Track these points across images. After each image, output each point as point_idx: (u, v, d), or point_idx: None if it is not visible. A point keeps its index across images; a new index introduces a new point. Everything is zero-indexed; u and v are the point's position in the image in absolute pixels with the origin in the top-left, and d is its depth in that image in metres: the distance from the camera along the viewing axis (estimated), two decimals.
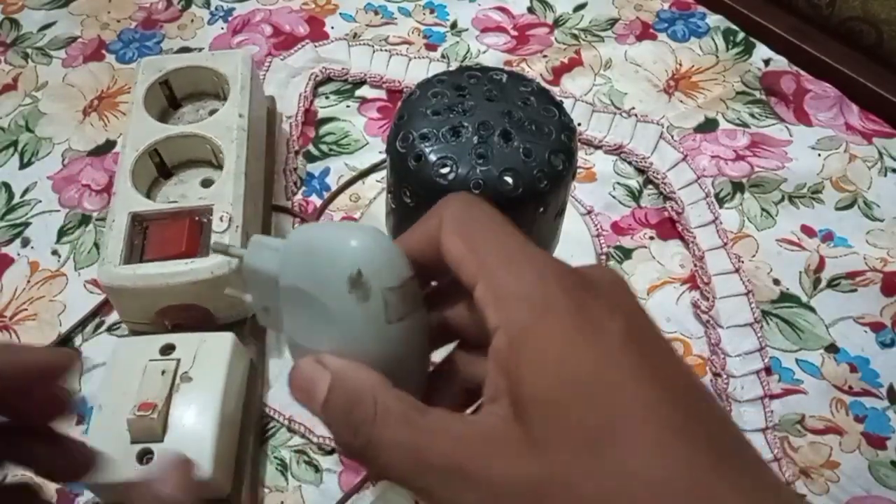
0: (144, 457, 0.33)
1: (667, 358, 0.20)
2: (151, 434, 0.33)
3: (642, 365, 0.19)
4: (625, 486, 0.17)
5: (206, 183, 0.43)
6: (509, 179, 0.32)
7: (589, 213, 0.47)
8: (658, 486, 0.17)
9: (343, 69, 0.54)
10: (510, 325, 0.20)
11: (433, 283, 0.24)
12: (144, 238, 0.39)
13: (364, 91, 0.54)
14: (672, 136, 0.50)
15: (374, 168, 0.49)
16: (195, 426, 0.34)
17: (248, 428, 0.37)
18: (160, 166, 0.43)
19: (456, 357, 0.24)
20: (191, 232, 0.38)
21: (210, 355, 0.36)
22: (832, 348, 0.42)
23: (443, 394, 0.24)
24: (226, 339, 0.37)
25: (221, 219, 0.38)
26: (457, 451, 0.19)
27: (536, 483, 0.18)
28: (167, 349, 0.36)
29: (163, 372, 0.35)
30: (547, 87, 0.36)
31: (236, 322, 0.40)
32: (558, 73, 0.54)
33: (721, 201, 0.48)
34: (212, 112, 0.45)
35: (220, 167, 0.41)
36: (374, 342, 0.22)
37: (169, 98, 0.46)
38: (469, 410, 0.24)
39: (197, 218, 0.39)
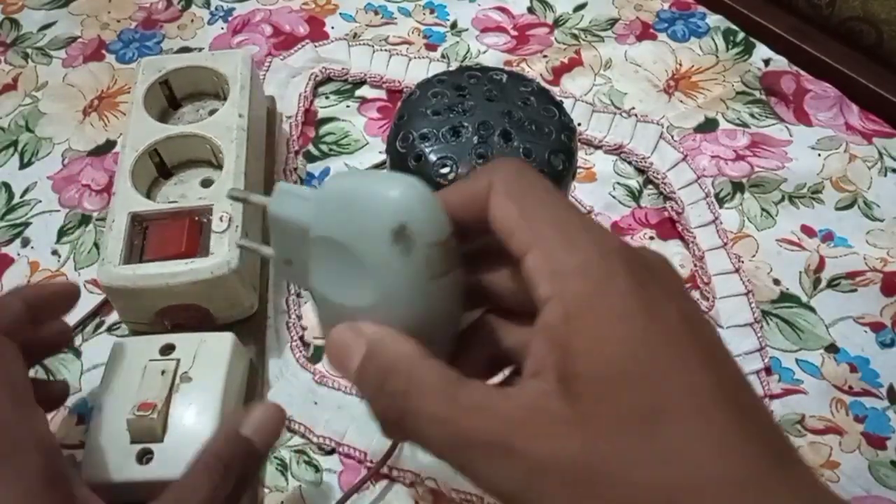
0: (144, 457, 0.33)
1: (719, 347, 0.19)
2: (151, 434, 0.33)
3: (697, 351, 0.18)
4: (678, 474, 0.17)
5: (206, 183, 0.43)
6: None
7: (589, 213, 0.47)
8: (714, 479, 0.17)
9: (343, 69, 0.54)
10: (567, 298, 0.19)
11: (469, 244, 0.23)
12: (144, 238, 0.39)
13: (364, 91, 0.54)
14: (672, 136, 0.50)
15: (375, 168, 0.49)
16: (195, 426, 0.34)
17: None
18: (160, 166, 0.43)
19: (486, 322, 0.24)
20: (190, 232, 0.38)
21: (210, 355, 0.36)
22: (832, 348, 0.42)
23: (469, 359, 0.23)
24: (226, 339, 0.37)
25: (221, 219, 0.38)
26: (499, 426, 0.19)
27: (584, 462, 0.18)
28: (167, 349, 0.36)
29: (162, 372, 0.35)
30: (547, 87, 0.36)
31: (236, 322, 0.40)
32: (558, 73, 0.54)
33: (721, 201, 0.48)
34: (212, 112, 0.45)
35: (219, 167, 0.41)
36: (413, 299, 0.21)
37: (169, 98, 0.46)
38: (495, 380, 0.23)
39: (197, 218, 0.39)
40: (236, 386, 0.37)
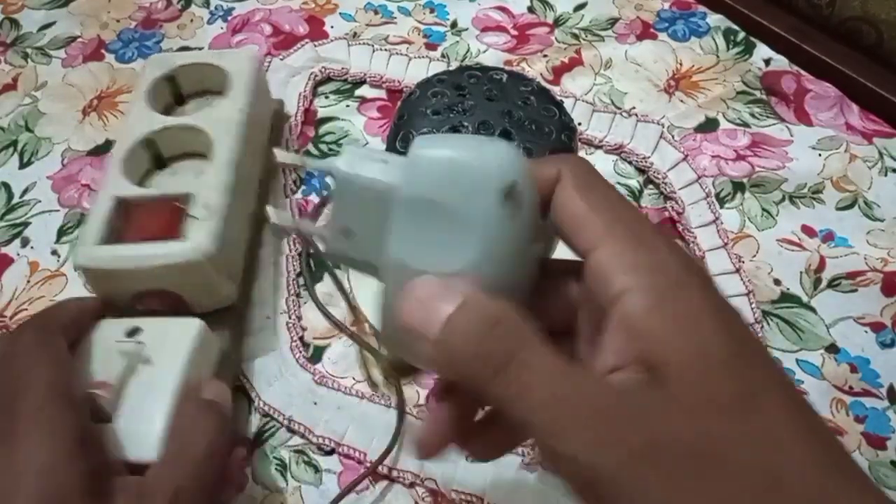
0: None
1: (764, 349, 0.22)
2: (102, 413, 0.33)
3: (763, 350, 0.20)
4: (780, 456, 0.18)
5: (200, 175, 0.43)
6: None
7: None
8: (810, 463, 0.18)
9: (343, 69, 0.54)
10: (649, 290, 0.20)
11: None
12: (126, 222, 0.38)
13: (364, 91, 0.54)
14: (672, 136, 0.50)
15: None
16: (146, 410, 0.33)
17: None
18: (156, 158, 0.43)
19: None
20: (171, 217, 0.37)
21: (174, 340, 0.35)
22: (832, 348, 0.42)
23: None
24: (192, 326, 0.36)
25: (203, 206, 0.38)
26: (601, 409, 0.19)
27: (689, 443, 0.18)
28: (133, 332, 0.36)
29: (124, 353, 0.34)
30: (547, 86, 0.36)
31: (213, 312, 0.39)
32: (558, 72, 0.54)
33: (721, 201, 0.47)
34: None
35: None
36: (513, 261, 0.21)
37: (175, 95, 0.47)
38: None
39: (179, 204, 0.38)
40: (201, 374, 0.36)
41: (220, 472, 0.34)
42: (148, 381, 0.34)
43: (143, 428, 0.32)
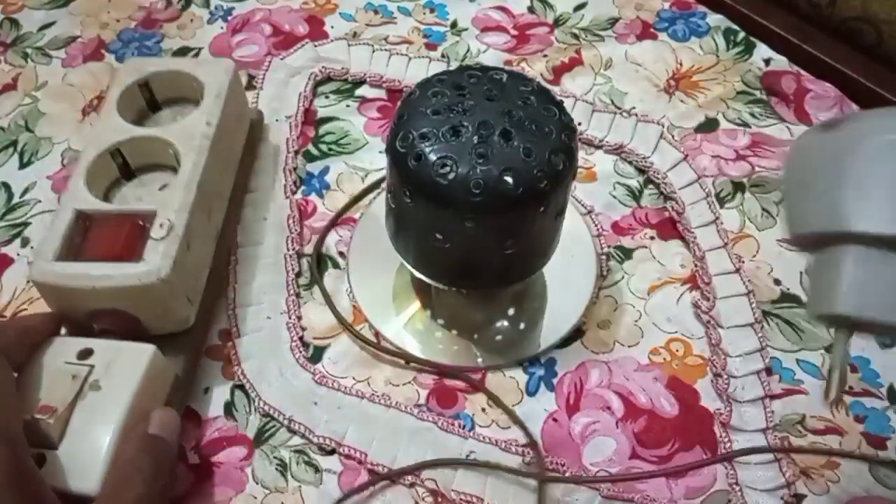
0: (37, 462, 0.31)
1: None
2: (46, 439, 0.32)
3: None
4: None
5: (165, 188, 0.42)
6: (509, 179, 0.32)
7: (589, 212, 0.47)
8: None
9: (343, 69, 0.54)
10: None
11: None
12: (84, 238, 0.38)
13: (364, 90, 0.54)
14: (672, 136, 0.50)
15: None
16: (93, 437, 0.32)
17: None
18: (124, 167, 0.43)
19: None
20: (130, 236, 0.37)
21: (125, 365, 0.35)
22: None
23: None
24: (144, 351, 0.35)
25: (162, 225, 0.37)
26: None
27: None
28: (84, 354, 0.35)
29: (73, 377, 0.34)
30: (547, 86, 0.36)
31: (169, 335, 0.39)
32: (558, 72, 0.54)
33: (722, 201, 0.47)
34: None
35: None
36: None
37: (149, 101, 0.46)
38: None
39: (141, 222, 0.38)
40: (151, 400, 0.35)
41: None
42: (95, 408, 0.33)
43: (87, 458, 0.32)
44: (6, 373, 0.32)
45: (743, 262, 0.44)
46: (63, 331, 0.38)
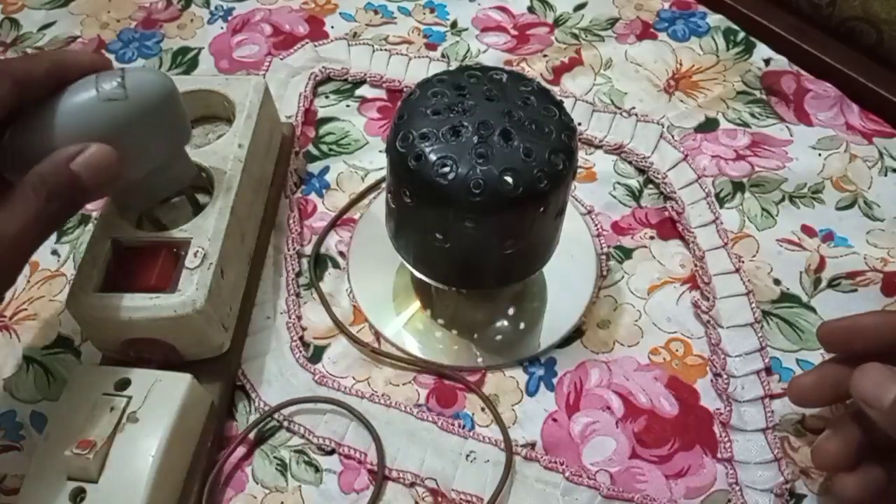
0: (78, 496, 0.32)
1: None
2: (86, 474, 0.32)
3: None
4: None
5: (198, 210, 0.41)
6: (509, 179, 0.32)
7: (589, 212, 0.47)
8: None
9: (343, 69, 0.54)
10: None
11: None
12: (119, 267, 0.38)
13: (364, 91, 0.54)
14: (672, 136, 0.50)
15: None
16: (131, 472, 0.33)
17: (194, 476, 0.36)
18: None
19: None
20: (164, 266, 0.37)
21: (162, 397, 0.35)
22: None
23: None
24: (182, 381, 0.35)
25: (196, 254, 0.37)
26: None
27: None
28: (122, 384, 0.35)
29: (111, 408, 0.34)
30: (547, 86, 0.36)
31: (204, 361, 0.39)
32: (558, 72, 0.54)
33: (721, 201, 0.47)
34: (220, 137, 0.43)
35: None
36: None
37: None
38: None
39: (175, 250, 0.38)
40: (188, 430, 0.36)
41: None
42: (134, 441, 0.33)
43: (126, 492, 0.32)
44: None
45: (743, 261, 0.44)
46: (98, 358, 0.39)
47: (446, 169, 0.32)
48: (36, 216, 0.31)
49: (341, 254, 0.46)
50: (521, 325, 0.43)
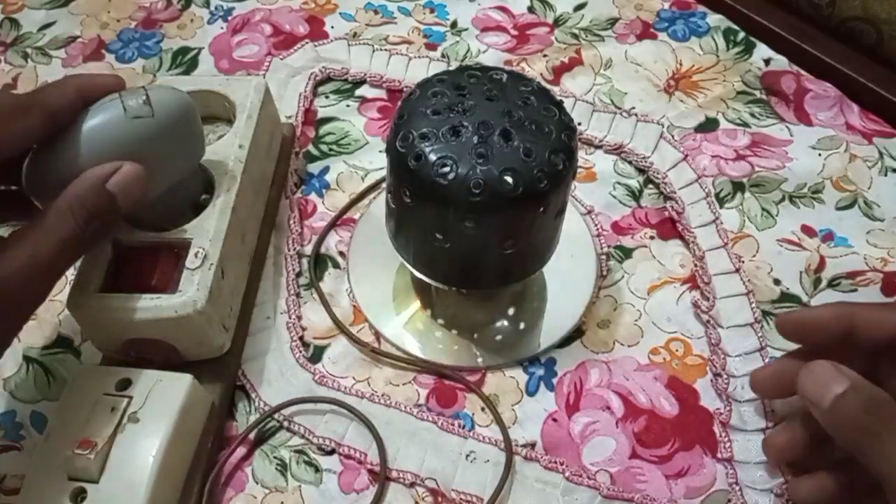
0: (79, 496, 0.32)
1: None
2: (87, 474, 0.32)
3: None
4: None
5: (198, 209, 0.41)
6: (509, 179, 0.32)
7: (589, 212, 0.47)
8: None
9: (343, 69, 0.54)
10: None
11: None
12: (120, 267, 0.38)
13: (364, 91, 0.54)
14: (672, 136, 0.50)
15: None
16: (131, 472, 0.33)
17: (195, 476, 0.36)
18: None
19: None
20: (164, 266, 0.37)
21: (163, 397, 0.35)
22: None
23: None
24: (182, 382, 0.35)
25: (196, 255, 0.37)
26: None
27: None
28: (123, 384, 0.35)
29: (112, 409, 0.34)
30: (547, 86, 0.36)
31: (204, 361, 0.39)
32: (558, 72, 0.54)
33: (721, 201, 0.47)
34: (220, 137, 0.43)
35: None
36: None
37: None
38: None
39: (176, 250, 0.38)
40: (189, 430, 0.36)
41: None
42: (134, 441, 0.33)
43: (127, 492, 0.32)
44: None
45: (743, 261, 0.44)
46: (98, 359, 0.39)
47: (446, 169, 0.32)
48: (72, 237, 0.31)
49: (341, 254, 0.46)
50: (521, 325, 0.43)
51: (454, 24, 0.58)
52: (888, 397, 0.29)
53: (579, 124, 0.51)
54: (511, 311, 0.44)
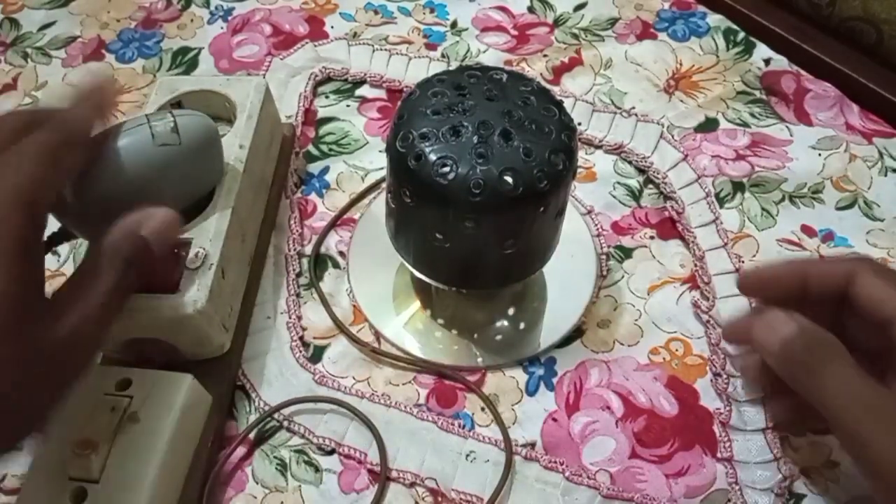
0: (79, 496, 0.32)
1: None
2: (87, 474, 0.32)
3: None
4: None
5: (199, 207, 0.41)
6: (509, 179, 0.32)
7: (589, 212, 0.47)
8: None
9: (343, 69, 0.54)
10: None
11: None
12: None
13: (364, 91, 0.54)
14: (672, 136, 0.50)
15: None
16: (132, 472, 0.33)
17: (195, 476, 0.36)
18: None
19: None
20: (165, 267, 0.37)
21: (163, 397, 0.35)
22: None
23: None
24: (182, 381, 0.35)
25: (197, 255, 0.37)
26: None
27: None
28: (123, 384, 0.35)
29: (112, 409, 0.34)
30: (547, 86, 0.36)
31: (205, 361, 0.39)
32: (558, 72, 0.54)
33: (721, 201, 0.47)
34: (221, 137, 0.43)
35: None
36: None
37: None
38: None
39: (176, 250, 0.37)
40: (189, 430, 0.36)
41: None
42: (135, 441, 0.33)
43: (128, 492, 0.32)
44: (75, 166, 0.32)
45: (743, 261, 0.44)
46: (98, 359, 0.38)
47: (446, 169, 0.32)
48: (114, 287, 0.31)
49: (341, 254, 0.46)
50: (521, 325, 0.43)
51: (454, 24, 0.58)
52: (832, 337, 0.30)
53: (579, 124, 0.51)
54: (511, 311, 0.44)
